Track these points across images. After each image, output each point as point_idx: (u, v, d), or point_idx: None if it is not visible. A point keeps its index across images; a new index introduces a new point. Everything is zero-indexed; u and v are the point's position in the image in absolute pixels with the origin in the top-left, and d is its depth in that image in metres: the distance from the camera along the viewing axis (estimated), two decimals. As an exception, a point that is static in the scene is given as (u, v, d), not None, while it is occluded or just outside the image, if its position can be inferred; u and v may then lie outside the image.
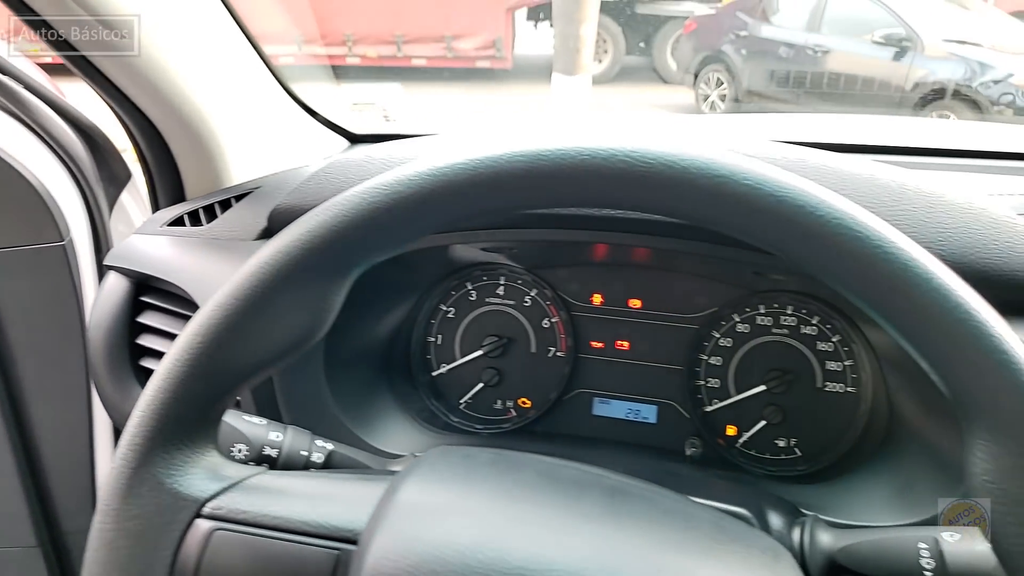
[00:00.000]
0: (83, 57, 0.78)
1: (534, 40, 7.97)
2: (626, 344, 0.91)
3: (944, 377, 0.45)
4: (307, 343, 0.53)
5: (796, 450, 0.87)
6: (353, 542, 0.47)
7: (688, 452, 0.85)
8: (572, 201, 0.49)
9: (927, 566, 0.58)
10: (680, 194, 0.47)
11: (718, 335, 0.89)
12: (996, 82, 5.82)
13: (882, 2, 6.37)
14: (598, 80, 7.42)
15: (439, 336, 0.94)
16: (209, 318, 0.49)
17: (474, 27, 7.29)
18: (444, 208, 0.49)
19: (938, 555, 0.57)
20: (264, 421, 0.66)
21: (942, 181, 0.70)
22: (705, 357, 0.89)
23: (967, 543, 0.49)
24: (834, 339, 0.85)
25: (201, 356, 0.48)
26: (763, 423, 0.87)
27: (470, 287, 0.93)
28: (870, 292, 0.46)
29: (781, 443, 0.87)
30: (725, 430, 0.89)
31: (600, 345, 0.92)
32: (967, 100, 5.83)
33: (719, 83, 6.99)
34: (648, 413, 0.91)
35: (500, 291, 0.93)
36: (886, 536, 0.61)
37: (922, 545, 0.59)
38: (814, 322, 0.86)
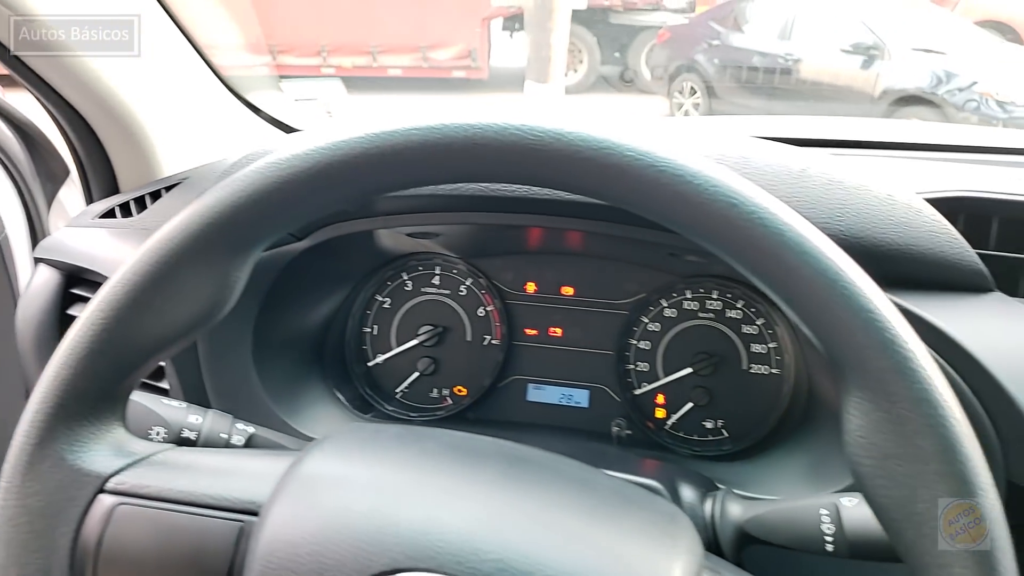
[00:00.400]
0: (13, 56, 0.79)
1: (510, 50, 8.02)
2: (559, 331, 0.93)
3: (819, 337, 0.47)
4: (210, 320, 0.53)
5: (723, 431, 0.89)
6: (256, 514, 0.48)
7: (613, 431, 0.87)
8: (467, 175, 0.51)
9: (827, 530, 0.59)
10: (568, 166, 0.48)
11: (647, 320, 0.91)
12: (961, 89, 5.92)
13: (851, 11, 6.47)
14: (574, 89, 7.47)
15: (375, 327, 0.95)
16: (110, 294, 0.50)
17: (450, 37, 7.32)
18: (339, 183, 0.49)
19: (837, 519, 0.59)
20: (184, 404, 0.66)
21: (847, 166, 0.72)
22: (635, 342, 0.91)
23: (864, 506, 0.51)
24: (758, 322, 0.87)
25: (102, 331, 0.49)
26: (690, 405, 0.89)
27: (406, 277, 0.94)
28: (748, 257, 0.47)
29: (708, 424, 0.89)
30: (654, 412, 0.91)
31: (534, 332, 0.93)
32: (933, 106, 5.92)
33: (692, 91, 7.07)
34: (580, 398, 0.93)
35: (436, 281, 0.94)
36: (790, 505, 0.63)
37: (823, 511, 0.61)
38: (739, 306, 0.88)
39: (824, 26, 6.60)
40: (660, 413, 0.91)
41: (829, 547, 0.59)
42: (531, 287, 0.93)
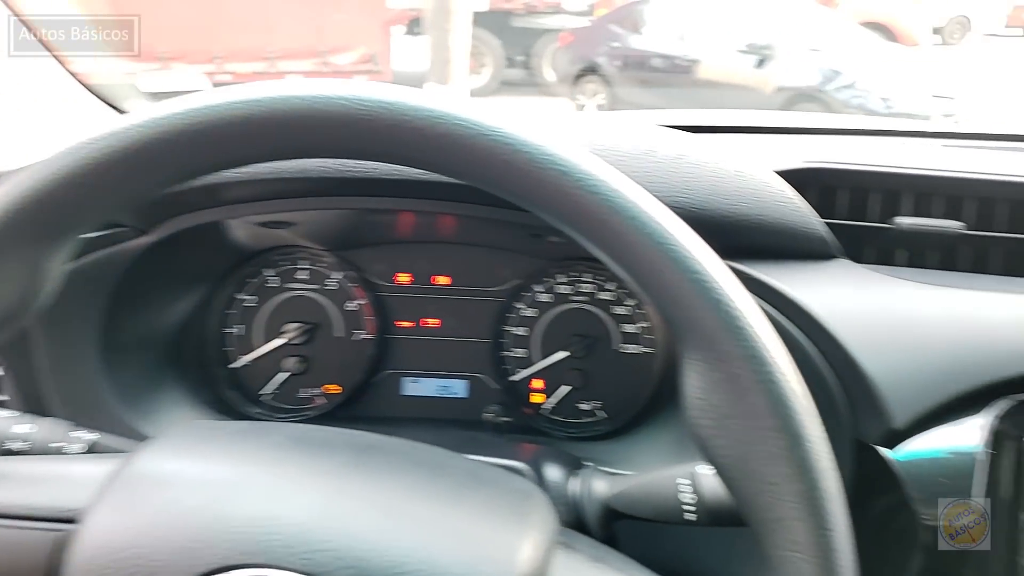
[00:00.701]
0: None
1: (413, 54, 7.96)
2: (433, 321, 0.91)
3: (654, 301, 0.47)
4: (22, 314, 0.49)
5: (599, 411, 0.88)
6: (75, 522, 0.44)
7: (483, 418, 0.85)
8: (293, 150, 0.48)
9: (687, 500, 0.60)
10: (396, 136, 0.46)
11: (522, 306, 0.90)
12: (847, 86, 6.22)
13: (742, 13, 6.72)
14: (479, 93, 7.47)
15: (238, 326, 0.90)
16: None
17: (350, 42, 7.21)
18: (158, 162, 0.46)
19: (696, 488, 0.59)
20: (10, 414, 0.61)
21: (702, 145, 0.73)
22: (510, 328, 0.90)
23: None
24: (629, 303, 0.87)
25: None
26: (567, 388, 0.88)
27: (269, 273, 0.90)
28: (582, 225, 0.47)
29: (585, 406, 0.89)
30: (532, 398, 0.90)
31: (408, 324, 0.91)
32: (822, 103, 6.20)
33: (595, 93, 7.18)
34: (458, 388, 0.91)
35: (301, 275, 0.91)
36: (652, 477, 0.63)
37: (681, 480, 0.61)
38: (610, 288, 0.88)
39: (719, 27, 6.82)
40: (538, 398, 0.90)
41: (691, 516, 0.59)
42: (403, 278, 0.91)
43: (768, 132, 1.05)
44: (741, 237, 0.69)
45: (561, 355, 0.88)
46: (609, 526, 0.66)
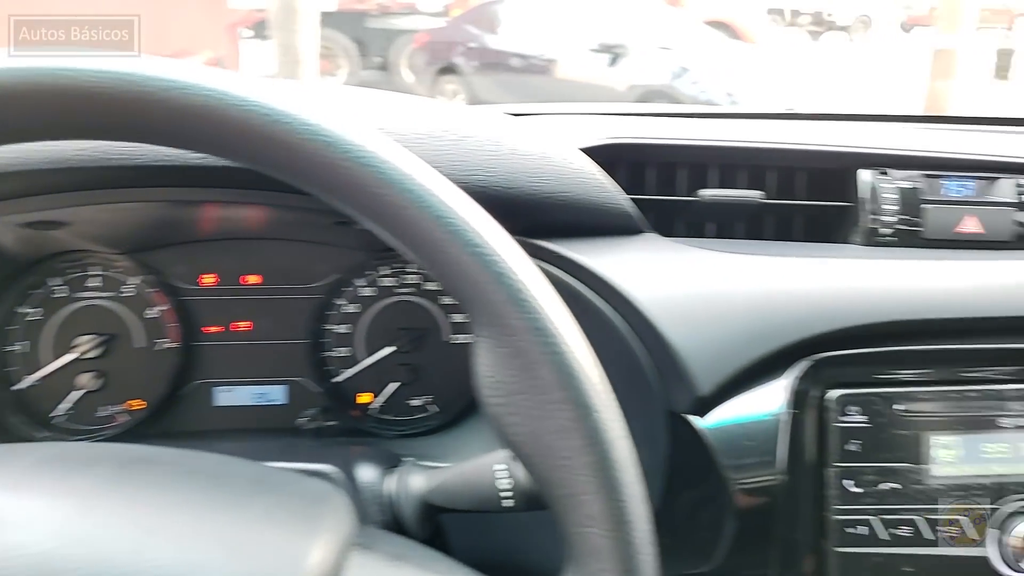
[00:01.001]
0: None
1: (262, 57, 7.68)
2: (246, 324, 0.84)
3: (438, 278, 0.44)
4: None
5: (431, 406, 0.85)
6: None
7: (297, 423, 0.80)
8: (17, 132, 0.42)
9: (504, 486, 0.57)
10: (139, 112, 0.41)
11: (343, 302, 0.85)
12: (695, 83, 6.52)
13: (592, 12, 6.90)
14: (336, 96, 7.28)
15: (21, 343, 0.81)
16: None
17: (194, 45, 6.86)
18: None
19: (513, 472, 0.57)
20: None
21: (505, 124, 0.71)
22: (332, 327, 0.85)
23: None
24: (454, 290, 0.85)
25: None
26: (395, 384, 0.85)
27: (55, 283, 0.81)
28: (355, 200, 0.43)
29: (416, 401, 0.85)
30: (359, 398, 0.85)
31: (217, 329, 0.84)
32: (673, 99, 6.47)
33: (455, 93, 7.18)
34: (277, 394, 0.85)
35: (93, 283, 0.82)
36: (466, 467, 0.60)
37: (497, 467, 0.59)
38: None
39: (571, 27, 6.98)
40: (366, 398, 0.85)
41: (508, 502, 0.57)
42: (209, 279, 0.84)
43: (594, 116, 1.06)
44: (548, 215, 0.67)
45: (387, 351, 0.84)
46: (429, 522, 0.63)
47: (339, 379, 0.85)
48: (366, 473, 0.64)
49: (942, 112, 5.39)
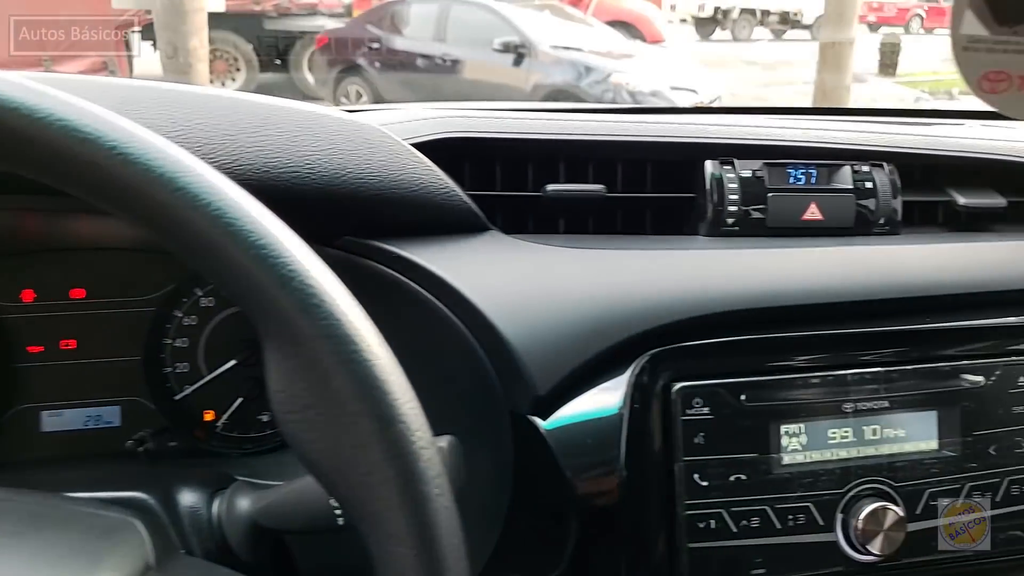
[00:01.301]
0: None
1: (154, 60, 7.35)
2: (74, 342, 0.78)
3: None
4: None
5: (279, 422, 0.81)
6: None
7: (127, 446, 0.75)
8: None
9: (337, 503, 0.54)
10: None
11: (180, 314, 0.79)
12: (598, 82, 6.61)
13: (495, 12, 6.91)
14: (235, 100, 7.03)
15: None
16: None
17: (77, 48, 6.52)
18: None
19: None
20: None
21: (335, 116, 0.68)
22: (169, 341, 0.79)
23: None
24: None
25: None
26: (240, 400, 0.80)
27: None
28: (121, 201, 0.39)
29: (265, 417, 0.80)
30: (203, 416, 0.80)
31: (39, 349, 0.77)
32: (577, 99, 6.54)
33: (359, 95, 7.06)
34: (111, 416, 0.79)
35: None
36: (299, 484, 0.57)
37: None
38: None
39: (473, 27, 6.97)
40: (209, 415, 0.80)
41: (342, 520, 0.54)
42: (29, 295, 0.77)
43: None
44: (380, 213, 0.64)
45: (230, 364, 0.79)
46: (262, 546, 0.59)
47: (179, 396, 0.79)
48: (188, 497, 0.60)
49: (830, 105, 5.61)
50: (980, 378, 0.69)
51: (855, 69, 6.59)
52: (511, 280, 0.64)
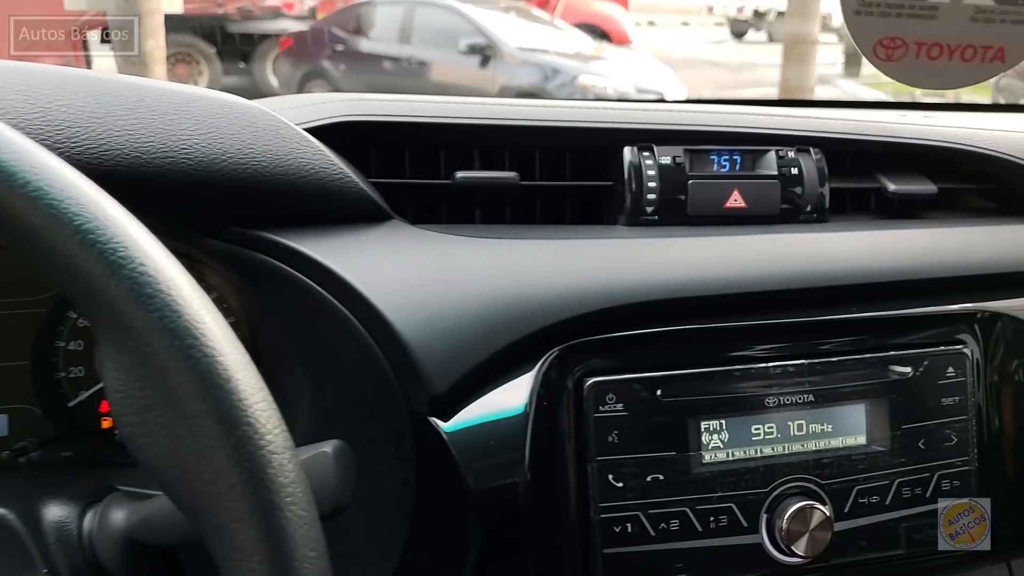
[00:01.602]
0: None
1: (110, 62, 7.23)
2: None
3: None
4: None
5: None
6: None
7: (4, 456, 0.70)
8: None
9: None
10: None
11: (73, 315, 0.74)
12: (565, 84, 6.60)
13: (461, 14, 6.87)
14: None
15: None
16: None
17: (35, 48, 6.39)
18: None
19: None
20: None
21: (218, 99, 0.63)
22: (62, 344, 0.74)
23: None
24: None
25: None
26: None
27: None
28: None
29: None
30: (100, 424, 0.75)
31: (-81, 355, 0.72)
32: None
33: (324, 99, 6.98)
34: None
35: None
36: None
37: None
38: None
39: (438, 29, 6.93)
40: (107, 423, 0.75)
41: None
42: (-94, 298, 0.72)
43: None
44: (267, 202, 0.60)
45: None
46: (139, 562, 0.55)
47: (74, 402, 0.74)
48: (55, 511, 0.55)
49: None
50: (908, 369, 0.67)
51: (821, 71, 6.62)
52: (408, 272, 0.60)
